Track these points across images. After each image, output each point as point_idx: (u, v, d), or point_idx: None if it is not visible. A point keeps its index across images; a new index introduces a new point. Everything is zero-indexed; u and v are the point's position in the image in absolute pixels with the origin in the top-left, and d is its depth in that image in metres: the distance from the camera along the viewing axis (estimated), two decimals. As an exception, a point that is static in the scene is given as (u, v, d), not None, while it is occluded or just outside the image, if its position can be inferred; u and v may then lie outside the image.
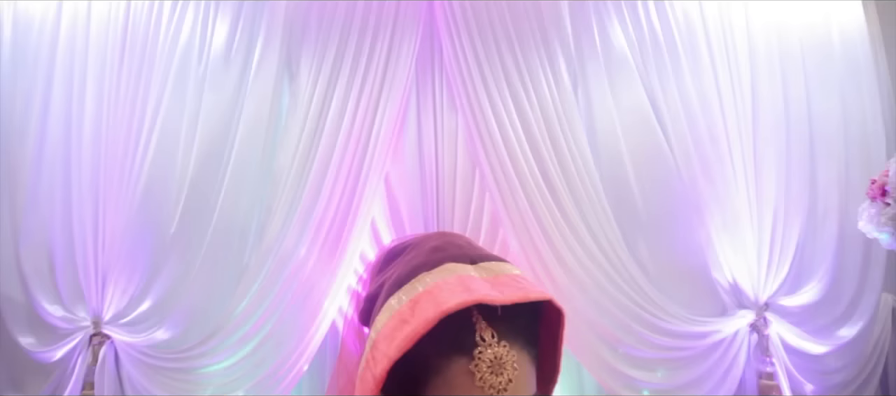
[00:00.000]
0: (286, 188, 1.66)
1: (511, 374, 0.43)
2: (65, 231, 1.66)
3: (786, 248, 1.72)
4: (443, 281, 0.45)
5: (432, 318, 0.42)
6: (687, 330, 1.64)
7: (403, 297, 0.45)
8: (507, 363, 0.43)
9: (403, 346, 0.42)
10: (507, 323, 0.45)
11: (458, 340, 0.43)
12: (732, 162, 1.76)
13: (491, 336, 0.44)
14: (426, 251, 0.49)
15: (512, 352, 0.44)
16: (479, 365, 0.43)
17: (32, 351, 1.60)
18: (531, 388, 0.45)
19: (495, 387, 0.43)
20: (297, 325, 1.64)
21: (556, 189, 1.69)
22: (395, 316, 0.45)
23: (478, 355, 0.43)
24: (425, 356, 0.44)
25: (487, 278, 0.46)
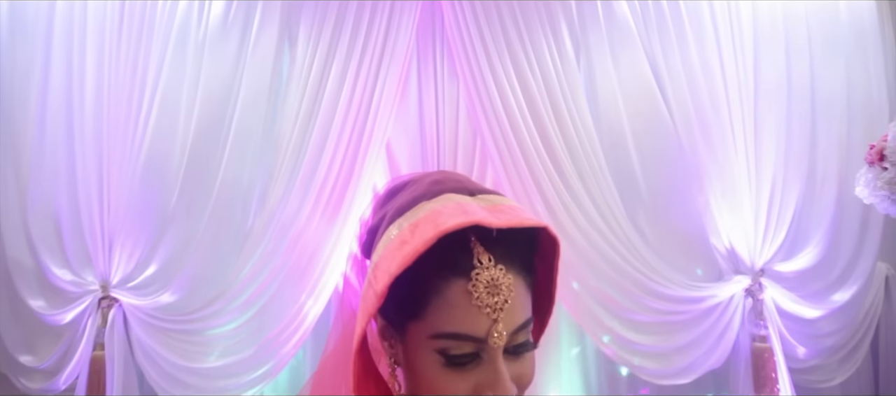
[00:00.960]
0: (287, 155, 1.68)
1: (507, 295, 0.45)
2: (70, 197, 1.68)
3: (783, 215, 1.74)
4: (442, 207, 0.47)
5: (431, 238, 0.44)
6: (684, 294, 1.68)
7: (404, 224, 0.48)
8: (503, 285, 0.45)
9: (404, 263, 0.44)
10: (504, 249, 0.47)
11: (457, 263, 0.46)
12: (733, 130, 1.77)
13: (488, 260, 0.46)
14: (426, 184, 0.51)
15: (508, 275, 0.46)
16: (476, 286, 0.45)
17: (43, 314, 1.65)
18: (526, 312, 0.48)
19: (491, 306, 0.45)
20: (300, 289, 1.68)
21: (557, 156, 1.71)
22: (395, 239, 0.47)
23: (475, 276, 0.45)
24: (425, 277, 0.46)
25: (485, 206, 0.48)
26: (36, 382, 1.63)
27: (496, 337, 0.45)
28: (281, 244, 1.65)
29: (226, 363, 1.65)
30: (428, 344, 0.46)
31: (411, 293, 0.47)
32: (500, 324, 0.45)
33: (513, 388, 0.46)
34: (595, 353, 1.80)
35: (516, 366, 0.47)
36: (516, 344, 0.47)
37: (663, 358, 1.67)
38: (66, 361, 1.64)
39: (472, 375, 0.46)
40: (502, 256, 0.46)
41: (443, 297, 0.46)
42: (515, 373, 0.47)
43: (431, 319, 0.46)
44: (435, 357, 0.46)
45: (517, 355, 0.48)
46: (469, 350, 0.46)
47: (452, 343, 0.46)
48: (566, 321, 1.78)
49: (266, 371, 1.68)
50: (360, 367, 0.49)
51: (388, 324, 0.51)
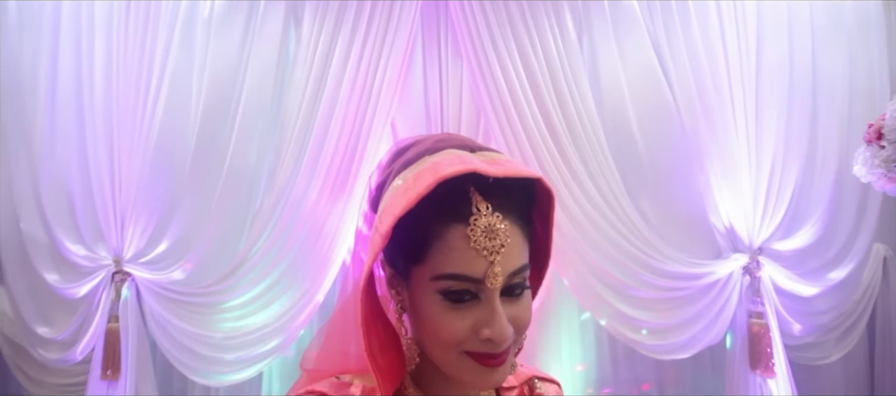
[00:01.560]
0: (294, 134, 1.71)
1: (503, 240, 0.49)
2: (82, 177, 1.72)
3: (782, 194, 1.77)
4: (442, 159, 0.51)
5: (431, 183, 0.47)
6: (683, 271, 1.72)
7: (407, 175, 0.51)
8: (499, 230, 0.49)
9: (407, 206, 0.47)
10: (501, 199, 0.50)
11: (457, 210, 0.49)
12: (734, 111, 1.79)
13: (486, 208, 0.49)
14: (431, 141, 0.55)
15: (505, 222, 0.49)
16: (474, 231, 0.48)
17: (58, 288, 1.70)
18: (522, 258, 0.51)
19: (488, 250, 0.48)
20: (310, 265, 1.72)
21: (559, 138, 1.73)
22: (399, 187, 0.51)
23: (473, 222, 0.48)
24: (427, 224, 0.50)
25: (484, 160, 0.51)
26: (53, 353, 1.68)
27: (493, 278, 0.48)
28: (289, 222, 1.69)
29: (237, 335, 1.70)
30: (430, 286, 0.50)
31: (414, 238, 0.50)
32: (496, 267, 0.49)
33: (508, 327, 0.49)
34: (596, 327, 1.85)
35: (513, 308, 0.51)
36: (513, 286, 0.51)
37: (663, 334, 1.71)
38: (82, 333, 1.69)
39: (470, 314, 0.49)
40: (500, 205, 0.50)
41: (443, 241, 0.49)
42: (512, 315, 0.50)
43: (433, 262, 0.50)
44: (437, 298, 0.50)
45: (514, 298, 0.51)
46: (468, 290, 0.49)
47: (452, 284, 0.49)
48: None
49: (276, 344, 1.73)
50: (369, 313, 0.52)
51: (395, 273, 0.55)
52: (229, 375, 1.73)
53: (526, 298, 0.52)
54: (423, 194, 0.47)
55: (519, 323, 0.51)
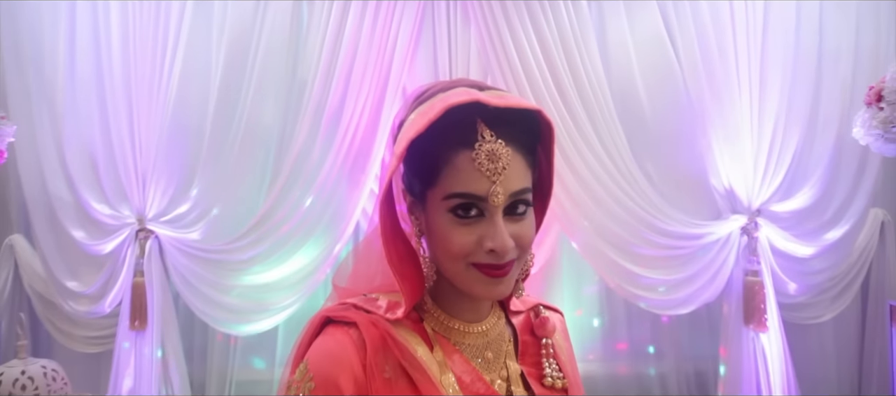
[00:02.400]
0: (311, 100, 1.76)
1: (505, 163, 0.55)
2: (104, 138, 1.79)
3: (783, 157, 1.82)
4: (452, 93, 0.57)
5: (440, 110, 0.54)
6: (684, 231, 1.79)
7: (422, 108, 0.58)
8: (501, 155, 0.55)
9: (419, 130, 0.54)
10: (505, 129, 0.56)
11: (464, 137, 0.55)
12: (738, 75, 1.83)
13: (490, 135, 0.55)
14: (445, 83, 0.61)
15: (507, 148, 0.55)
16: (478, 155, 0.54)
17: (85, 244, 1.79)
18: (524, 181, 0.57)
19: (491, 171, 0.54)
20: (324, 224, 1.80)
21: (569, 100, 1.78)
22: (414, 117, 0.57)
23: (478, 147, 0.54)
24: (439, 151, 0.56)
25: (491, 95, 0.57)
26: (83, 305, 1.79)
27: (495, 197, 0.55)
28: (306, 183, 1.76)
29: (255, 289, 1.80)
30: (441, 205, 0.56)
31: (428, 164, 0.57)
32: (498, 186, 0.55)
33: (509, 240, 0.55)
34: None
35: (516, 227, 0.57)
36: (515, 205, 0.57)
37: (663, 290, 1.80)
38: (110, 287, 1.79)
39: (476, 229, 0.56)
40: (503, 134, 0.56)
41: (452, 165, 0.56)
42: (514, 232, 0.56)
43: (444, 184, 0.56)
44: (447, 216, 0.56)
45: (516, 217, 0.57)
46: (474, 206, 0.56)
47: (460, 202, 0.55)
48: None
49: (292, 299, 1.83)
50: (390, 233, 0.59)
51: (414, 200, 0.61)
52: (247, 325, 1.83)
53: (528, 218, 0.58)
54: (433, 120, 0.54)
55: (521, 240, 0.57)
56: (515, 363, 0.65)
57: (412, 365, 0.57)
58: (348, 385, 0.55)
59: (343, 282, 0.67)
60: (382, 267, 0.63)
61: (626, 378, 1.99)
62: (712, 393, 1.94)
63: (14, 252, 1.88)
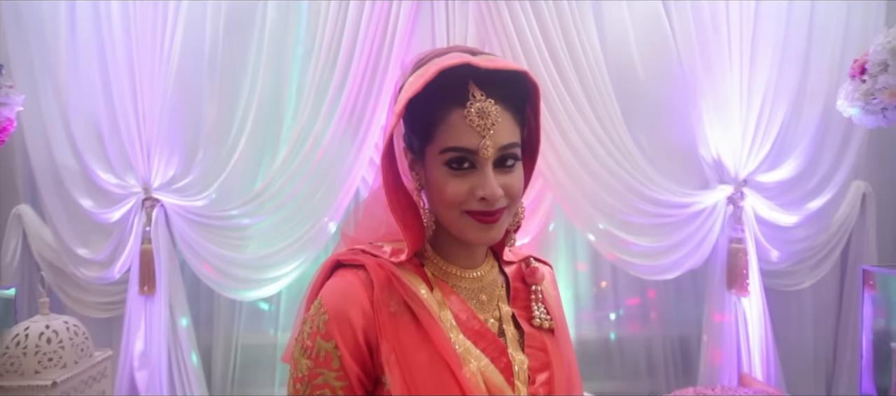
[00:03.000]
0: (315, 74, 1.79)
1: (494, 120, 0.60)
2: (107, 108, 1.83)
3: (770, 129, 1.88)
4: (447, 57, 0.62)
5: (434, 71, 0.59)
6: (673, 200, 1.86)
7: (419, 71, 0.63)
8: (491, 112, 0.60)
9: (416, 90, 0.59)
10: (495, 90, 0.62)
11: (457, 97, 0.61)
12: (730, 49, 1.88)
13: (481, 95, 0.61)
14: (440, 49, 0.67)
15: (496, 106, 0.61)
16: (469, 112, 0.60)
17: (93, 212, 1.85)
18: (512, 136, 0.63)
19: (482, 127, 0.60)
20: (325, 196, 1.86)
21: (565, 74, 1.82)
22: (412, 79, 0.63)
23: (469, 106, 0.60)
24: (435, 110, 0.62)
25: (482, 59, 0.63)
26: (94, 271, 1.86)
27: (484, 150, 0.61)
28: (308, 156, 1.81)
29: (258, 257, 1.87)
30: (438, 159, 0.63)
31: (426, 121, 0.63)
32: (488, 141, 0.61)
33: (498, 189, 0.62)
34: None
35: (505, 178, 0.63)
36: (504, 158, 0.63)
37: (652, 257, 1.88)
38: (118, 254, 1.86)
39: (469, 179, 0.62)
40: (492, 94, 0.62)
41: (447, 122, 0.62)
42: (504, 183, 0.62)
43: (440, 139, 0.62)
44: (443, 169, 0.63)
45: (505, 169, 0.63)
46: (466, 159, 0.62)
47: (454, 155, 0.62)
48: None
49: (294, 266, 1.91)
50: (393, 186, 0.65)
51: (414, 157, 0.67)
52: (251, 291, 1.91)
53: (516, 171, 0.65)
54: (428, 80, 0.59)
55: (510, 190, 0.63)
56: (507, 305, 0.72)
57: (414, 302, 0.64)
58: (358, 318, 0.62)
59: (351, 231, 0.74)
60: (387, 219, 0.69)
61: (614, 343, 2.10)
62: (696, 357, 2.05)
63: (22, 221, 1.93)
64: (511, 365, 0.66)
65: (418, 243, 0.67)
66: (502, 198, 0.63)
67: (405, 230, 0.65)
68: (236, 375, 2.05)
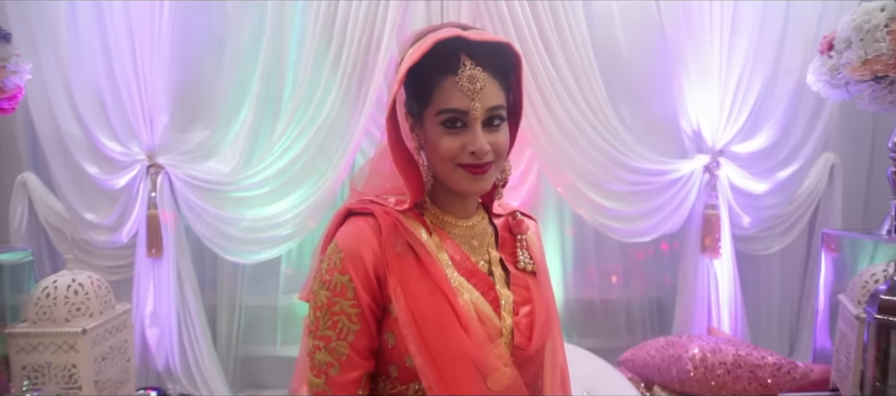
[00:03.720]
0: (313, 45, 1.86)
1: (482, 84, 0.70)
2: (109, 79, 1.88)
3: (746, 102, 2.00)
4: (441, 31, 0.72)
5: (430, 43, 0.70)
6: (653, 168, 1.99)
7: (417, 44, 0.73)
8: (479, 78, 0.71)
9: (415, 59, 0.69)
10: (483, 60, 0.72)
11: (450, 66, 0.71)
12: (711, 24, 1.97)
13: (471, 64, 0.71)
14: (436, 25, 0.77)
15: (484, 73, 0.71)
16: (460, 78, 0.70)
17: (99, 179, 1.93)
18: (498, 99, 0.73)
19: (471, 91, 0.70)
20: (323, 163, 1.95)
21: (552, 50, 1.90)
22: (412, 51, 0.73)
23: (461, 72, 0.70)
24: (431, 77, 0.72)
25: (472, 33, 0.73)
26: (102, 235, 1.95)
27: (474, 111, 0.71)
28: (307, 125, 1.89)
29: (259, 220, 1.97)
30: (435, 120, 0.73)
31: (423, 87, 0.73)
32: (476, 103, 0.71)
33: (486, 145, 0.72)
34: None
35: (492, 136, 0.73)
36: (491, 118, 0.73)
37: (630, 221, 2.02)
38: (125, 218, 1.95)
39: (461, 137, 0.72)
40: (481, 63, 0.72)
41: (442, 88, 0.72)
42: (491, 140, 0.73)
43: (436, 102, 0.72)
44: (439, 128, 0.73)
45: (493, 128, 0.73)
46: (458, 119, 0.72)
47: (447, 115, 0.72)
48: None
49: (293, 231, 2.00)
50: (396, 143, 0.75)
51: (414, 121, 0.77)
52: (253, 254, 2.02)
53: (502, 130, 0.75)
54: (425, 52, 0.70)
55: (497, 146, 0.74)
56: (495, 251, 0.84)
57: (416, 243, 0.75)
58: (369, 256, 0.73)
59: (360, 186, 0.84)
60: (391, 175, 0.80)
61: (597, 304, 2.25)
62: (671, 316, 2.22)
63: (27, 188, 2.00)
64: (498, 299, 0.79)
65: (419, 194, 0.78)
66: (490, 152, 0.73)
67: (408, 183, 0.76)
68: (240, 335, 2.18)
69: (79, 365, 1.41)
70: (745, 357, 1.49)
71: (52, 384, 1.41)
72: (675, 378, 1.54)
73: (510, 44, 0.75)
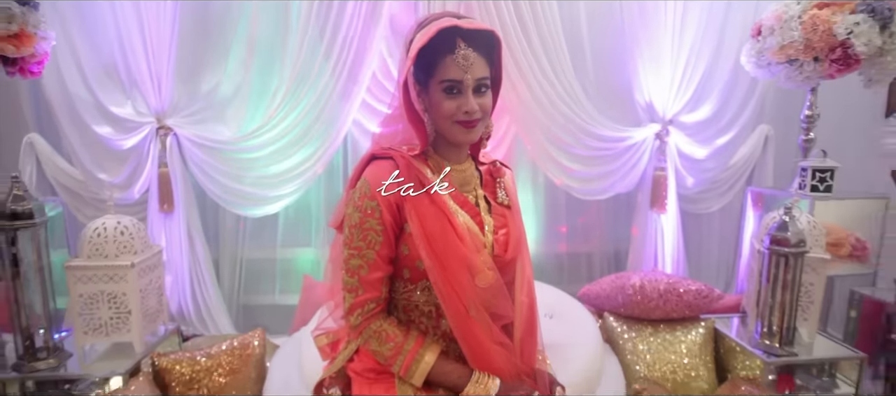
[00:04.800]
0: (311, 20, 2.04)
1: (473, 61, 0.96)
2: (118, 44, 2.03)
3: (693, 78, 2.32)
4: (442, 20, 0.97)
5: (435, 31, 0.94)
6: (611, 135, 2.31)
7: (423, 30, 0.98)
8: (471, 56, 0.96)
9: (423, 43, 0.94)
10: (475, 43, 0.97)
11: (449, 47, 0.95)
12: (665, 10, 2.28)
13: (465, 46, 0.95)
14: (436, 14, 1.02)
15: (474, 53, 0.96)
16: (456, 56, 0.95)
17: (109, 140, 2.10)
18: (485, 72, 0.99)
19: (465, 66, 0.96)
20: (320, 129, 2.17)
21: (527, 29, 2.15)
22: (420, 35, 0.98)
23: (457, 52, 0.95)
24: (435, 55, 0.96)
25: (465, 22, 0.98)
26: (115, 193, 2.13)
27: (466, 80, 0.98)
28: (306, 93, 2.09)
29: (262, 179, 2.20)
30: (437, 87, 0.99)
31: (429, 62, 0.99)
32: (468, 75, 0.97)
33: (476, 106, 0.99)
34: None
35: (480, 99, 1.00)
36: (479, 86, 0.99)
37: (590, 181, 2.35)
38: (136, 177, 2.13)
39: (456, 101, 0.99)
40: (472, 45, 0.98)
41: (442, 63, 0.98)
42: (479, 102, 0.99)
43: (438, 74, 0.98)
44: (440, 94, 0.99)
45: (480, 94, 1.00)
46: (455, 87, 0.98)
47: (447, 84, 0.98)
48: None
49: (293, 189, 2.24)
50: (408, 106, 1.01)
51: (421, 88, 1.02)
52: (256, 209, 2.25)
53: (487, 96, 1.02)
54: (431, 36, 0.95)
55: (483, 107, 1.01)
56: (480, 189, 1.13)
57: (424, 179, 1.04)
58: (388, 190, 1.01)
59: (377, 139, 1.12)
60: (403, 130, 1.07)
61: (564, 255, 2.60)
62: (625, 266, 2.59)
63: (35, 149, 2.15)
64: (483, 223, 1.08)
65: (425, 144, 1.06)
66: (477, 111, 1.01)
67: (418, 134, 1.04)
68: (242, 285, 2.43)
69: (128, 294, 1.64)
70: (675, 284, 1.86)
71: (105, 308, 1.65)
72: (621, 304, 1.90)
73: (494, 31, 1.02)
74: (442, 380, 1.03)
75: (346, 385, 1.15)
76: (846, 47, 1.70)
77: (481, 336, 1.03)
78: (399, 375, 1.05)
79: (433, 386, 1.04)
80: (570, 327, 1.70)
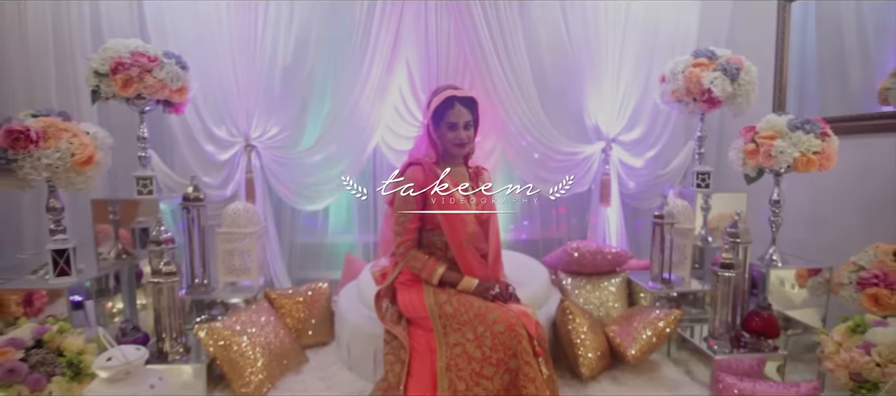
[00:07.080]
0: (348, 66, 3.08)
1: (463, 113, 1.97)
2: (221, 84, 3.06)
3: (627, 106, 3.32)
4: (447, 91, 1.97)
5: (443, 98, 1.97)
6: (570, 150, 3.31)
7: (437, 96, 2.01)
8: (462, 111, 1.97)
9: (437, 105, 1.97)
10: (463, 103, 1.98)
11: (449, 105, 1.97)
12: (608, 52, 3.27)
13: (459, 105, 1.96)
14: (444, 86, 2.04)
15: (465, 108, 1.97)
16: (455, 110, 1.96)
17: (211, 153, 3.10)
18: (469, 118, 2.01)
19: (459, 115, 1.96)
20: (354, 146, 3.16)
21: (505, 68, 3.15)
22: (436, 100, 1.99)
23: (455, 107, 1.96)
24: (443, 110, 1.98)
25: (459, 92, 1.98)
26: (213, 190, 3.13)
27: (459, 122, 1.98)
28: (346, 118, 3.08)
29: (315, 182, 3.19)
30: (444, 125, 1.99)
31: (440, 115, 1.99)
32: (461, 120, 1.98)
33: (465, 136, 2.00)
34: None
35: (467, 133, 2.01)
36: (466, 125, 2.00)
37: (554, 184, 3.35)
38: (229, 180, 3.13)
39: (455, 133, 1.99)
40: (463, 104, 1.98)
41: (447, 115, 1.98)
42: (466, 134, 2.00)
43: (446, 120, 1.99)
44: (446, 129, 2.00)
45: (467, 129, 2.01)
46: (454, 127, 1.98)
47: (449, 124, 1.99)
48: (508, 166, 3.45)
49: (334, 189, 3.24)
50: (427, 137, 2.02)
51: (435, 126, 2.02)
52: (311, 205, 3.24)
53: (471, 130, 2.02)
54: (442, 100, 1.96)
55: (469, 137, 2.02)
56: (468, 181, 2.14)
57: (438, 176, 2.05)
58: (421, 179, 1.98)
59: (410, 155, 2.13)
60: (425, 148, 2.08)
61: (540, 241, 3.58)
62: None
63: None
64: (469, 199, 2.09)
65: (438, 156, 2.06)
66: (466, 139, 2.01)
67: (434, 151, 2.05)
68: (294, 263, 3.42)
69: (250, 253, 2.62)
70: (601, 248, 2.84)
71: (239, 260, 2.62)
72: (566, 263, 2.88)
73: (474, 97, 2.03)
74: (448, 281, 2.02)
75: (392, 297, 2.14)
76: (710, 93, 2.70)
77: (469, 258, 2.02)
78: (425, 279, 2.04)
79: (444, 285, 2.03)
80: (531, 273, 2.68)
